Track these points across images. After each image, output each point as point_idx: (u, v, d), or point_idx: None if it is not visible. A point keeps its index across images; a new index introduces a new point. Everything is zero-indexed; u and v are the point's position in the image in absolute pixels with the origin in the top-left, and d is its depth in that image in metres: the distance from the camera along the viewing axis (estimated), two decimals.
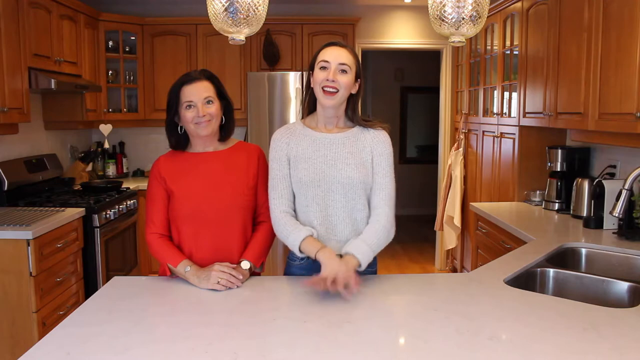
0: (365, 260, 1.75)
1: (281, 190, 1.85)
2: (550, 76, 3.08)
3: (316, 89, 1.83)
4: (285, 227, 1.82)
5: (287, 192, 1.86)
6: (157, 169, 1.94)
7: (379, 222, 1.81)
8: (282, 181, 1.86)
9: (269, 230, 1.95)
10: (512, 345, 1.36)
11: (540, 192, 3.47)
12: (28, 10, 3.34)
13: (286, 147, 1.86)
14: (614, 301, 1.95)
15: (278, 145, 1.87)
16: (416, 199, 7.65)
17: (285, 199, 1.85)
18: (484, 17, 2.13)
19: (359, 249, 1.75)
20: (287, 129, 1.92)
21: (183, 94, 1.87)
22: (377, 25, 5.21)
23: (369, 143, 1.86)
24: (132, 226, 4.11)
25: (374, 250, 1.79)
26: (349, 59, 1.82)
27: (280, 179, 1.86)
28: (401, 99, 7.70)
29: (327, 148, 1.84)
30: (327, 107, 1.83)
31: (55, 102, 4.11)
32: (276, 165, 1.87)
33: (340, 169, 1.82)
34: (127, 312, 1.58)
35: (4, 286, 2.79)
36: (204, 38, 4.80)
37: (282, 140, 1.88)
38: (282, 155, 1.86)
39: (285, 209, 1.85)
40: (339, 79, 1.79)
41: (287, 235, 1.81)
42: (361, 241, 1.77)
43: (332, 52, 1.82)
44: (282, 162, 1.86)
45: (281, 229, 1.83)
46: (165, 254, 1.87)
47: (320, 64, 1.81)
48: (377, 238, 1.79)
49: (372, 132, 1.88)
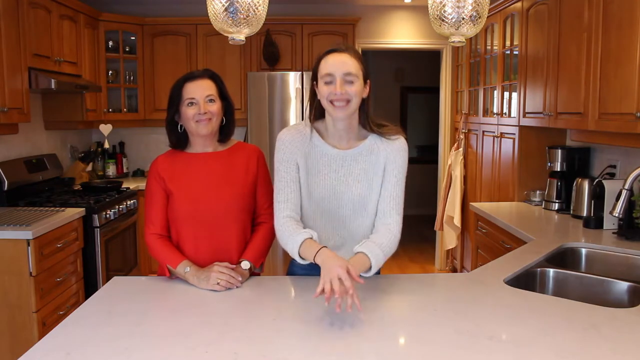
0: (377, 264, 1.66)
1: (287, 194, 1.77)
2: (550, 76, 3.08)
3: (323, 102, 1.70)
4: (284, 232, 1.73)
5: (294, 197, 1.78)
6: (155, 169, 1.94)
7: (391, 231, 1.74)
8: (289, 185, 1.77)
9: (269, 231, 1.94)
10: (512, 345, 1.35)
11: (540, 192, 3.47)
12: (28, 10, 3.34)
13: (297, 152, 1.77)
14: (614, 301, 1.95)
15: (288, 148, 1.77)
16: (416, 199, 7.64)
17: (291, 202, 1.77)
18: (484, 17, 2.13)
19: (373, 252, 1.66)
20: (298, 132, 1.80)
21: (185, 90, 1.87)
22: (377, 25, 5.21)
23: (383, 155, 1.78)
24: (132, 226, 4.11)
25: (386, 255, 1.71)
26: (354, 65, 1.68)
27: (288, 182, 1.77)
28: (401, 99, 7.70)
29: (340, 164, 1.77)
30: (339, 120, 1.72)
31: (55, 102, 4.11)
32: (284, 168, 1.77)
33: (352, 185, 1.76)
34: (127, 312, 1.58)
35: (4, 286, 2.79)
36: (204, 38, 4.80)
37: (293, 143, 1.78)
38: (291, 158, 1.77)
39: (290, 213, 1.76)
40: (348, 89, 1.66)
41: (286, 241, 1.73)
42: (375, 244, 1.68)
43: (335, 63, 1.67)
44: (290, 165, 1.77)
45: (281, 234, 1.75)
46: (164, 254, 1.87)
47: (325, 79, 1.68)
48: (389, 246, 1.72)
49: (386, 142, 1.79)
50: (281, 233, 1.75)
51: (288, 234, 1.72)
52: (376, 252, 1.67)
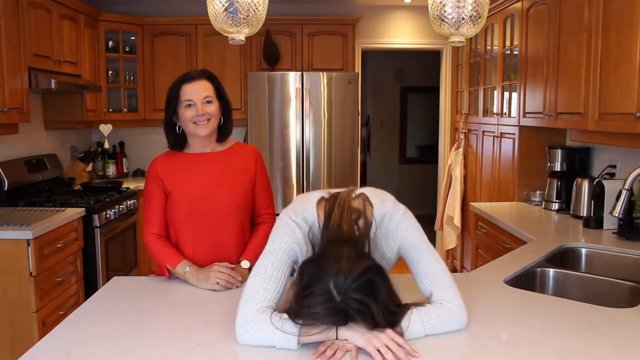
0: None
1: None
2: (550, 76, 3.08)
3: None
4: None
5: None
6: (154, 170, 1.94)
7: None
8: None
9: (268, 230, 1.94)
10: (512, 345, 1.35)
11: (540, 192, 3.47)
12: (28, 10, 3.34)
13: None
14: (614, 301, 1.95)
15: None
16: (416, 199, 7.64)
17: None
18: (484, 17, 2.13)
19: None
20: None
21: (183, 92, 1.87)
22: (377, 25, 5.21)
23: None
24: (132, 226, 4.11)
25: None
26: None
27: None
28: (401, 99, 7.69)
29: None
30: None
31: (55, 102, 4.11)
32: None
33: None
34: (127, 312, 1.58)
35: (4, 286, 2.79)
36: (204, 38, 4.80)
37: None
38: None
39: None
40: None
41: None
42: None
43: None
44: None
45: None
46: (163, 254, 1.87)
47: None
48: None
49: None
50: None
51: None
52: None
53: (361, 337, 1.26)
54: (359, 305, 1.20)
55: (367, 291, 1.20)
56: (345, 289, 1.19)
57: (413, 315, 1.33)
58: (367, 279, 1.21)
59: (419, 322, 1.33)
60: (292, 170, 4.53)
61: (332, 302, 1.20)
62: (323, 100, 4.48)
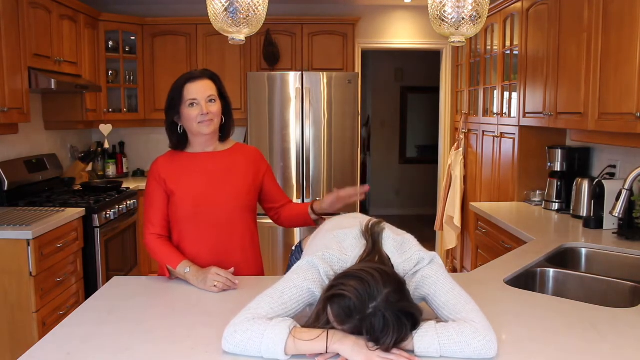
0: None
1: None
2: (550, 76, 3.08)
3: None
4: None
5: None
6: (156, 170, 1.93)
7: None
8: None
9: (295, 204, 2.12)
10: (512, 345, 1.35)
11: (540, 192, 3.47)
12: (28, 10, 3.34)
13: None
14: (614, 301, 1.95)
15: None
16: (416, 199, 7.65)
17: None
18: (484, 17, 2.13)
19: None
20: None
21: (187, 91, 1.86)
22: (377, 25, 5.21)
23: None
24: (132, 226, 4.11)
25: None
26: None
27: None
28: (401, 99, 7.70)
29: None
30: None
31: (55, 102, 4.11)
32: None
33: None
34: (127, 312, 1.58)
35: (4, 286, 2.79)
36: (204, 38, 4.80)
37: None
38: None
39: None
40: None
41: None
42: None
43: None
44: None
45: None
46: (164, 255, 1.87)
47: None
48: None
49: None
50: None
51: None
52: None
53: (359, 352, 1.18)
54: (394, 320, 1.15)
55: (406, 314, 1.18)
56: (386, 299, 1.15)
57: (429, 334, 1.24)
58: (409, 306, 1.20)
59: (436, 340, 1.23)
60: (292, 170, 4.53)
61: (367, 295, 1.15)
62: (323, 100, 4.48)
